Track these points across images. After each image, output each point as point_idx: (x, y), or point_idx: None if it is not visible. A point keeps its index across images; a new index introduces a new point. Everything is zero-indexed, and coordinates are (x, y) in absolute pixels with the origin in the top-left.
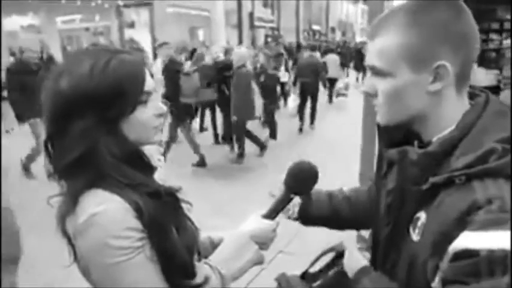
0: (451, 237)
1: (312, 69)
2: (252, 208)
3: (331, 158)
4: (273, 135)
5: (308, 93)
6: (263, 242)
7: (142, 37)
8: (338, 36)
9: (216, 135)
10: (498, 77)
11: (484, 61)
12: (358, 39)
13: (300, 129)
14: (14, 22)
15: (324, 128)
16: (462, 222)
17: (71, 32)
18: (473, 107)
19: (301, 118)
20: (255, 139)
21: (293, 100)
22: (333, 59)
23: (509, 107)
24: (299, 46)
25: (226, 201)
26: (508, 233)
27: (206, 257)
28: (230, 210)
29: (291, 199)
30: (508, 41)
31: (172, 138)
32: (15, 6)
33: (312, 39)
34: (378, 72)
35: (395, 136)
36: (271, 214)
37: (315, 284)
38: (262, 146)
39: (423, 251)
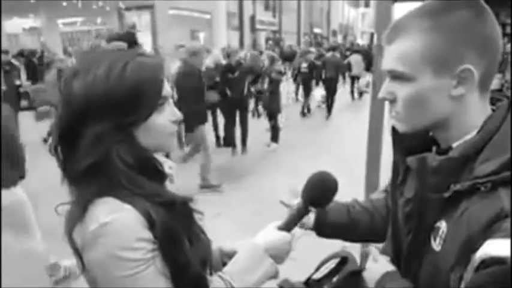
0: (476, 246)
1: (334, 66)
2: (255, 212)
3: (337, 158)
4: (275, 139)
5: (330, 86)
6: (278, 255)
7: (143, 40)
8: (339, 40)
9: (217, 138)
10: (501, 81)
11: None
12: (360, 42)
13: (328, 115)
14: (15, 24)
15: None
16: (488, 231)
17: (72, 35)
18: (496, 112)
19: (328, 107)
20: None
21: (318, 91)
22: (356, 59)
23: None
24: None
25: (229, 204)
26: None
27: (217, 269)
28: (234, 213)
29: (309, 211)
30: (509, 46)
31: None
32: (17, 8)
33: (314, 43)
34: (398, 77)
35: (412, 144)
36: (287, 226)
37: None
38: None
39: (445, 261)
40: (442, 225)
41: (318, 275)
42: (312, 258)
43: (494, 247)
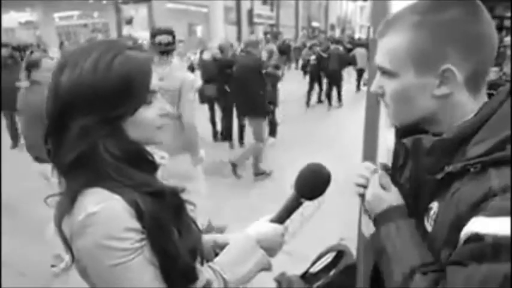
0: (463, 226)
1: (338, 58)
2: (251, 206)
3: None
4: (273, 133)
5: (334, 78)
6: (270, 247)
7: (140, 34)
8: (337, 33)
9: (215, 133)
10: (499, 74)
11: None
12: (358, 36)
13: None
14: (11, 18)
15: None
16: (476, 210)
17: (69, 29)
18: (495, 96)
19: (329, 100)
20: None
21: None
22: (361, 52)
23: None
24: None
25: (227, 198)
26: None
27: (209, 260)
28: (230, 209)
29: (301, 203)
30: (508, 38)
31: None
32: (13, 2)
33: (311, 37)
34: (385, 72)
35: (412, 128)
36: (280, 218)
37: (316, 284)
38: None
39: (436, 241)
40: (434, 206)
41: (314, 269)
42: (308, 252)
43: (476, 224)
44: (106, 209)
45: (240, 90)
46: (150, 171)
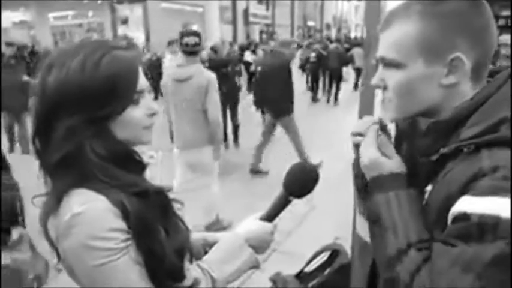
0: (452, 205)
1: (337, 57)
2: (247, 205)
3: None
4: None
5: (333, 75)
6: (259, 245)
7: (135, 33)
8: (333, 33)
9: None
10: None
11: None
12: (353, 35)
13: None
14: (5, 18)
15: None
16: (465, 189)
17: (64, 28)
18: (493, 81)
19: (329, 97)
20: None
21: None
22: (358, 52)
23: None
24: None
25: (222, 197)
26: (504, 200)
27: (199, 259)
28: (227, 209)
29: (290, 201)
30: (503, 37)
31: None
32: (7, 2)
33: (307, 36)
34: (389, 64)
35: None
36: (269, 216)
37: (311, 284)
38: None
39: (427, 222)
40: (429, 188)
41: (309, 268)
42: (303, 251)
43: (464, 203)
44: (90, 209)
45: (267, 90)
46: (137, 171)
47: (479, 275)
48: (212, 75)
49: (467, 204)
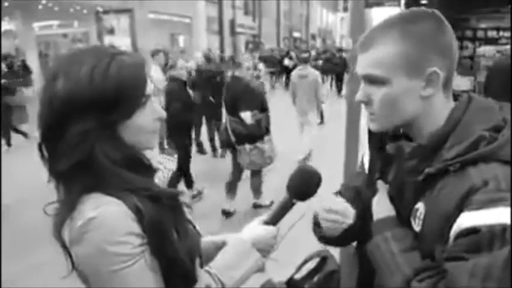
0: (452, 221)
1: (340, 63)
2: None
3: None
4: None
5: (338, 80)
6: (264, 249)
7: (122, 43)
8: (318, 43)
9: (198, 144)
10: (473, 83)
11: (459, 67)
12: (338, 46)
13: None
14: None
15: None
16: (461, 206)
17: (49, 38)
18: (458, 105)
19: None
20: None
21: (324, 87)
22: None
23: (494, 102)
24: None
25: (218, 205)
26: (506, 209)
27: (208, 262)
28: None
29: (293, 204)
30: (482, 48)
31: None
32: None
33: (293, 47)
34: (374, 80)
35: (384, 139)
36: (273, 220)
37: None
38: None
39: (426, 240)
40: (421, 207)
41: (299, 275)
42: (293, 258)
43: (467, 219)
44: (105, 213)
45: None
46: (147, 175)
47: (499, 279)
48: None
49: (473, 219)
